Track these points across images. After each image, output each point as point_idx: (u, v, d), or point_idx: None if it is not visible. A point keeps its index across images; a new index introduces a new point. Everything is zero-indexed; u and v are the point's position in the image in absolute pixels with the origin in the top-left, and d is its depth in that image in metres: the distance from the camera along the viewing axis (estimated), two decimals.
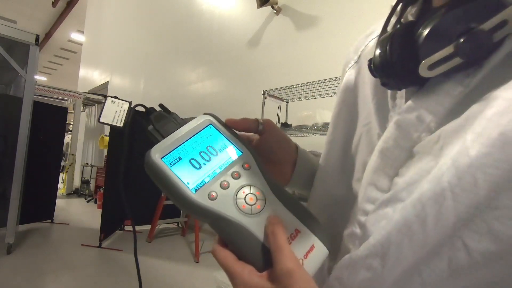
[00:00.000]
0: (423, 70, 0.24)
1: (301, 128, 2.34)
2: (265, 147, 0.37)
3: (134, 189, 3.63)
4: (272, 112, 2.79)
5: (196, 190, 0.27)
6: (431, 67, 0.24)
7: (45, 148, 3.60)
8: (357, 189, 0.33)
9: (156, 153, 0.27)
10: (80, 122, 6.87)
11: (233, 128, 0.34)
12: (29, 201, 3.20)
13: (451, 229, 0.21)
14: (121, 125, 0.39)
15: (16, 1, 7.92)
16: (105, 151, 5.05)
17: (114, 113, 0.39)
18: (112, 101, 0.39)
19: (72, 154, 6.37)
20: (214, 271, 1.88)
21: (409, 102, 0.28)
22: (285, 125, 2.52)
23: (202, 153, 0.30)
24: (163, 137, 0.30)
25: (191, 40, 4.53)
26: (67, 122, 4.88)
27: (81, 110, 7.10)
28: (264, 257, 0.26)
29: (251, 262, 0.26)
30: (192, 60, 4.50)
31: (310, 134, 2.64)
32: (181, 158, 0.28)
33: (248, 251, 0.26)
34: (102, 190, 4.40)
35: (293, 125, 2.45)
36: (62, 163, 5.78)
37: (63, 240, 3.26)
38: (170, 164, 0.27)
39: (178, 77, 4.78)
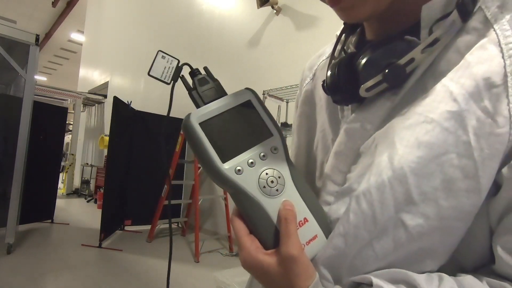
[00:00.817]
0: (362, 91, 0.33)
1: None
2: None
3: (134, 189, 3.63)
4: (272, 112, 2.78)
5: (225, 161, 0.29)
6: (368, 89, 0.32)
7: (45, 148, 3.60)
8: (318, 185, 0.39)
9: (195, 118, 0.29)
10: (80, 122, 6.88)
11: None
12: (29, 201, 3.20)
13: (393, 211, 0.27)
14: (169, 81, 0.41)
15: (16, 1, 7.92)
16: (105, 151, 5.05)
17: (163, 69, 0.42)
18: (162, 56, 0.41)
19: (72, 154, 6.38)
20: (214, 271, 1.88)
21: (354, 114, 0.36)
22: (285, 125, 2.52)
23: (236, 127, 0.32)
24: (204, 103, 0.32)
25: (191, 40, 4.53)
26: (67, 122, 4.88)
27: (81, 110, 7.11)
28: (273, 237, 0.29)
29: (261, 239, 0.30)
30: (192, 60, 4.44)
31: None
32: (216, 127, 0.30)
33: (260, 228, 0.29)
34: (102, 190, 4.40)
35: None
36: (62, 163, 5.78)
37: (63, 240, 3.26)
38: (206, 130, 0.29)
39: None
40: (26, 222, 3.40)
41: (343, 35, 0.44)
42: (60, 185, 5.64)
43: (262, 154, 0.31)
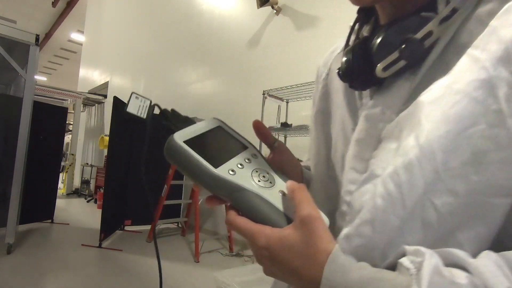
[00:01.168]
0: (379, 71, 0.31)
1: (301, 128, 2.34)
2: (276, 164, 0.43)
3: (134, 189, 3.63)
4: (272, 112, 2.79)
5: (217, 167, 0.31)
6: (385, 69, 0.31)
7: (45, 148, 3.60)
8: (340, 178, 0.38)
9: (177, 137, 0.31)
10: (80, 122, 6.88)
11: (257, 129, 0.41)
12: (29, 201, 3.20)
13: (422, 191, 0.26)
14: (144, 117, 0.46)
15: (16, 1, 7.92)
16: (105, 151, 5.05)
17: (138, 107, 0.47)
18: (136, 96, 0.47)
19: (72, 154, 6.38)
20: (214, 271, 1.88)
21: (373, 100, 0.35)
22: (285, 125, 2.52)
23: (216, 143, 0.36)
24: (179, 129, 0.35)
25: (191, 40, 4.53)
26: (67, 122, 4.88)
27: (81, 110, 7.11)
28: (283, 219, 0.30)
29: (272, 224, 0.30)
30: (192, 60, 4.50)
31: None
32: (199, 144, 0.32)
33: (267, 214, 0.30)
34: (102, 190, 4.40)
35: (293, 125, 2.45)
36: (62, 163, 5.78)
37: (63, 240, 3.26)
38: (191, 146, 0.31)
39: (178, 77, 4.78)
40: (26, 222, 3.40)
41: (357, 24, 0.42)
42: (60, 185, 5.64)
43: (246, 159, 0.34)
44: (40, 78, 12.78)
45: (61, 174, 5.93)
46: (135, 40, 6.08)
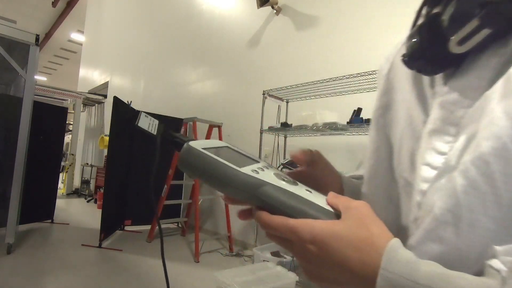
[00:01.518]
0: (453, 46, 0.26)
1: (301, 128, 2.34)
2: (312, 175, 0.41)
3: (134, 189, 3.63)
4: (272, 112, 2.79)
5: (240, 167, 0.30)
6: (460, 42, 0.25)
7: (45, 148, 3.60)
8: (408, 178, 0.33)
9: (196, 145, 0.31)
10: (80, 122, 6.88)
11: (295, 158, 0.40)
12: (29, 201, 3.20)
13: None
14: (155, 133, 0.48)
15: (16, 1, 7.92)
16: (105, 151, 5.05)
17: (148, 125, 0.48)
18: (145, 115, 0.50)
19: (72, 154, 6.37)
20: (214, 271, 1.88)
21: (449, 84, 0.29)
22: (285, 125, 2.51)
23: (230, 155, 0.35)
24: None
25: (191, 40, 4.53)
26: (67, 122, 4.88)
27: (81, 110, 7.11)
28: (321, 212, 0.28)
29: (309, 217, 0.27)
30: (192, 60, 4.50)
31: (310, 134, 2.64)
32: (217, 152, 0.32)
33: (302, 208, 0.28)
34: (102, 190, 4.40)
35: (293, 125, 2.45)
36: (62, 163, 5.78)
37: (63, 240, 3.26)
38: (211, 153, 0.31)
39: (178, 77, 4.78)
40: (26, 222, 3.40)
41: (424, 7, 0.34)
42: (60, 185, 5.64)
43: (263, 167, 0.34)
44: (40, 78, 12.77)
45: (61, 174, 5.93)
46: (135, 40, 6.08)
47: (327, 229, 0.25)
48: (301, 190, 0.30)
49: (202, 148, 0.31)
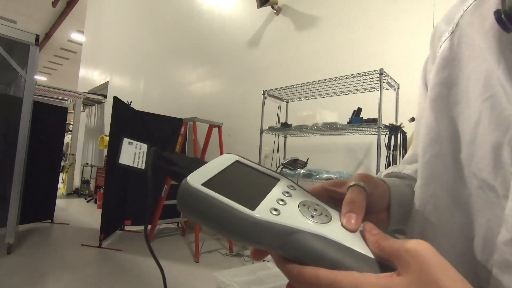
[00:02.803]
0: None
1: (301, 128, 2.34)
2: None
3: (134, 189, 3.63)
4: (272, 112, 2.79)
5: (254, 209, 0.23)
6: None
7: (45, 148, 3.60)
8: (489, 180, 0.25)
9: (193, 181, 0.24)
10: (80, 122, 6.88)
11: (333, 191, 0.30)
12: (29, 201, 3.20)
13: None
14: (143, 167, 0.37)
15: (16, 1, 7.92)
16: (105, 151, 5.05)
17: (134, 155, 0.38)
18: (129, 142, 0.38)
19: (72, 154, 6.37)
20: (214, 271, 1.88)
21: None
22: (285, 125, 2.52)
23: (241, 181, 0.27)
24: (190, 172, 0.26)
25: (191, 40, 4.53)
26: (67, 122, 4.88)
27: (81, 110, 7.11)
28: (364, 262, 0.22)
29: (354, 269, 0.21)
30: (192, 60, 4.50)
31: (310, 134, 2.64)
32: (222, 184, 0.25)
33: (340, 259, 0.22)
34: (102, 190, 4.40)
35: (293, 125, 2.45)
36: (62, 163, 5.78)
37: (63, 240, 3.26)
38: (214, 188, 0.23)
39: (178, 77, 4.78)
40: (26, 222, 3.40)
41: None
42: (60, 185, 5.64)
43: (284, 192, 0.27)
44: (40, 78, 12.78)
45: (61, 174, 5.93)
46: (135, 40, 6.08)
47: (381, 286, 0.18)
48: (336, 231, 0.24)
49: (202, 184, 0.24)
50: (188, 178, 0.24)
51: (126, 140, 0.37)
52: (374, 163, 1.98)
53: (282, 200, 0.25)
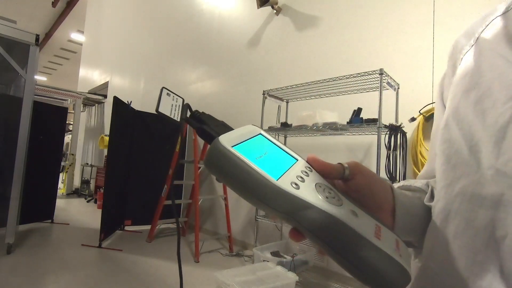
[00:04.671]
0: None
1: (301, 128, 2.34)
2: (354, 195, 0.31)
3: (134, 189, 3.63)
4: (272, 112, 2.79)
5: (277, 178, 0.25)
6: None
7: (45, 148, 3.60)
8: None
9: (225, 142, 0.25)
10: (80, 122, 6.88)
11: (315, 167, 0.31)
12: (29, 201, 3.20)
13: None
14: (178, 119, 0.39)
15: (16, 1, 7.92)
16: (105, 151, 5.05)
17: (171, 106, 0.40)
18: (167, 93, 0.40)
19: (72, 154, 6.38)
20: (214, 271, 1.88)
21: None
22: (285, 125, 2.52)
23: (264, 153, 0.29)
24: (219, 135, 0.27)
25: (191, 40, 4.53)
26: (67, 122, 4.88)
27: (81, 110, 7.11)
28: (368, 249, 0.24)
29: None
30: (192, 60, 4.50)
31: (310, 134, 2.64)
32: (250, 152, 0.26)
33: (347, 240, 0.24)
34: (102, 190, 4.40)
35: (293, 125, 2.45)
36: (62, 163, 5.78)
37: (63, 240, 3.26)
38: (243, 152, 0.25)
39: (178, 77, 4.78)
40: (26, 222, 3.40)
41: None
42: (60, 185, 5.65)
43: (303, 171, 0.28)
44: (40, 78, 12.78)
45: (61, 174, 5.93)
46: (135, 40, 6.08)
47: None
48: (344, 213, 0.26)
49: (233, 146, 0.25)
50: (220, 138, 0.25)
51: (165, 91, 0.40)
52: (374, 163, 1.98)
53: (301, 177, 0.27)
